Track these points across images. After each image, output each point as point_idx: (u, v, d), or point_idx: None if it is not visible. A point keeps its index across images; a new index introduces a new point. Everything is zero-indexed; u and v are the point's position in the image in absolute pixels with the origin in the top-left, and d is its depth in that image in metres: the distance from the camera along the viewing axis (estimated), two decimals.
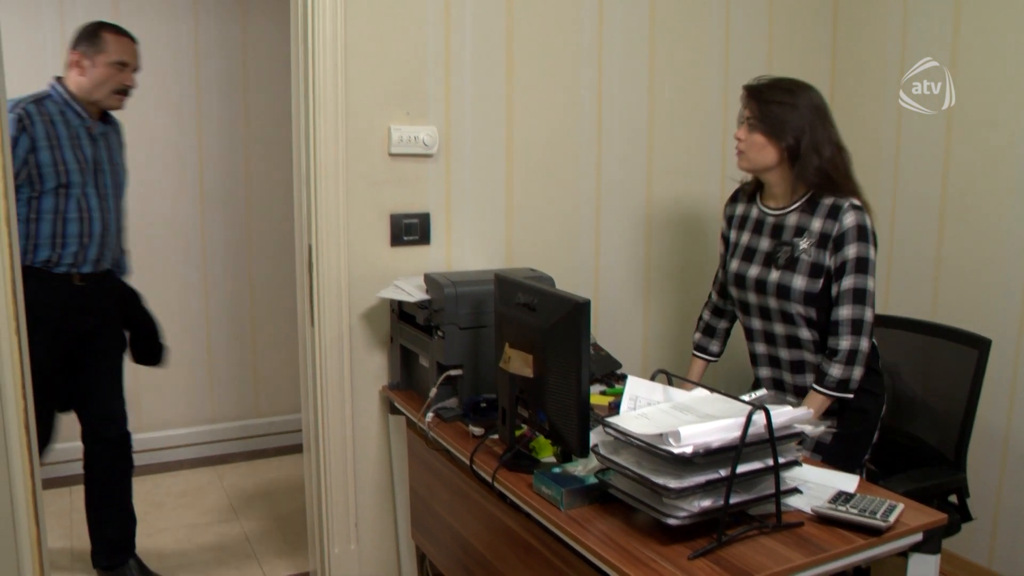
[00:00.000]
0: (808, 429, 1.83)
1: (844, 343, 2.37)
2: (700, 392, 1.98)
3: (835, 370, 2.37)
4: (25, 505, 2.34)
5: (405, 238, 2.93)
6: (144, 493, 4.04)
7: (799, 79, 2.49)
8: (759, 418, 1.69)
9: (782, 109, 2.39)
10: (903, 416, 2.78)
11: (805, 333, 2.46)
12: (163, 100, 4.35)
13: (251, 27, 4.51)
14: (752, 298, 2.55)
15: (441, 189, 2.98)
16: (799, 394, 2.52)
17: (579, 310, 1.89)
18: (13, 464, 2.30)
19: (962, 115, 3.13)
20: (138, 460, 4.28)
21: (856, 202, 2.39)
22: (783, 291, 2.44)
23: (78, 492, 3.36)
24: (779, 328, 2.51)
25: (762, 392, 2.07)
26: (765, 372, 2.61)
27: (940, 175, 3.22)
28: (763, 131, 2.42)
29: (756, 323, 2.58)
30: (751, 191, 2.65)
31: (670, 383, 2.02)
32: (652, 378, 2.01)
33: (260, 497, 4.19)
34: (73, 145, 2.92)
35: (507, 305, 2.19)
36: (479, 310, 2.54)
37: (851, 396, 2.40)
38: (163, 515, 3.91)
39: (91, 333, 3.08)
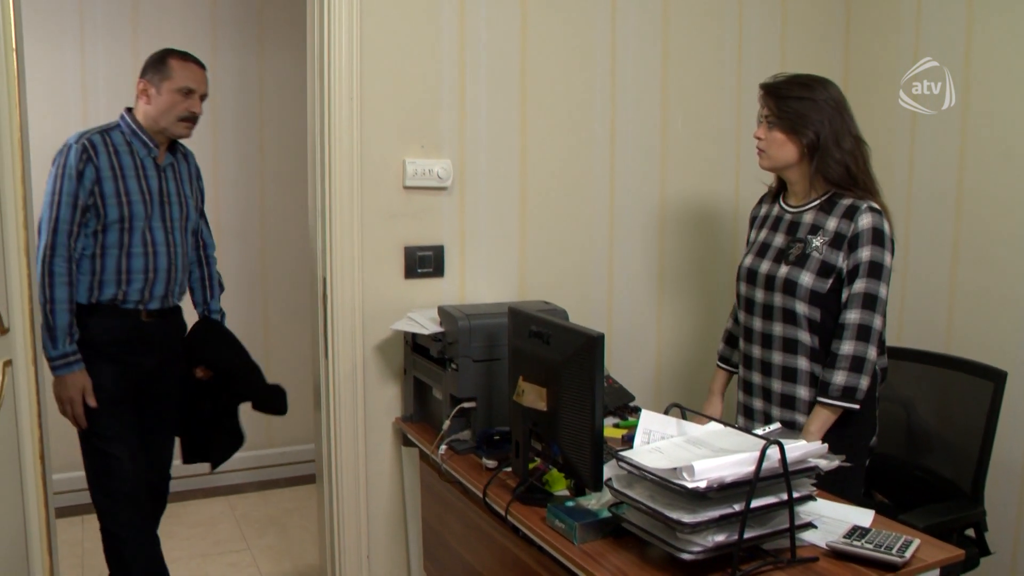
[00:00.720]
0: (823, 463, 1.82)
1: (847, 347, 2.32)
2: (714, 426, 1.98)
3: (838, 376, 2.32)
4: (38, 534, 2.35)
5: (419, 270, 2.95)
6: None
7: (816, 74, 2.49)
8: (773, 452, 1.69)
9: (800, 104, 2.39)
10: (919, 449, 2.77)
11: (805, 336, 2.41)
12: None
13: (267, 61, 4.57)
14: (759, 295, 2.52)
15: (455, 222, 3.00)
16: (785, 404, 2.48)
17: (593, 344, 1.90)
18: (27, 493, 2.31)
19: (976, 149, 3.14)
20: None
21: (875, 205, 2.37)
22: (790, 286, 2.41)
23: (90, 521, 3.35)
24: (778, 329, 2.47)
25: (775, 426, 2.06)
26: (756, 378, 2.57)
27: (953, 204, 3.21)
28: (782, 128, 2.42)
29: (757, 323, 2.54)
30: (776, 192, 2.64)
31: (684, 417, 2.01)
32: (666, 412, 2.01)
33: (272, 528, 4.18)
34: (138, 176, 2.84)
35: (521, 338, 2.20)
36: (493, 343, 2.55)
37: (857, 407, 2.34)
38: (175, 545, 3.90)
39: (154, 372, 2.95)
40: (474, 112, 3.00)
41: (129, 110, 2.90)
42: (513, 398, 2.17)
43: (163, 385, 3.01)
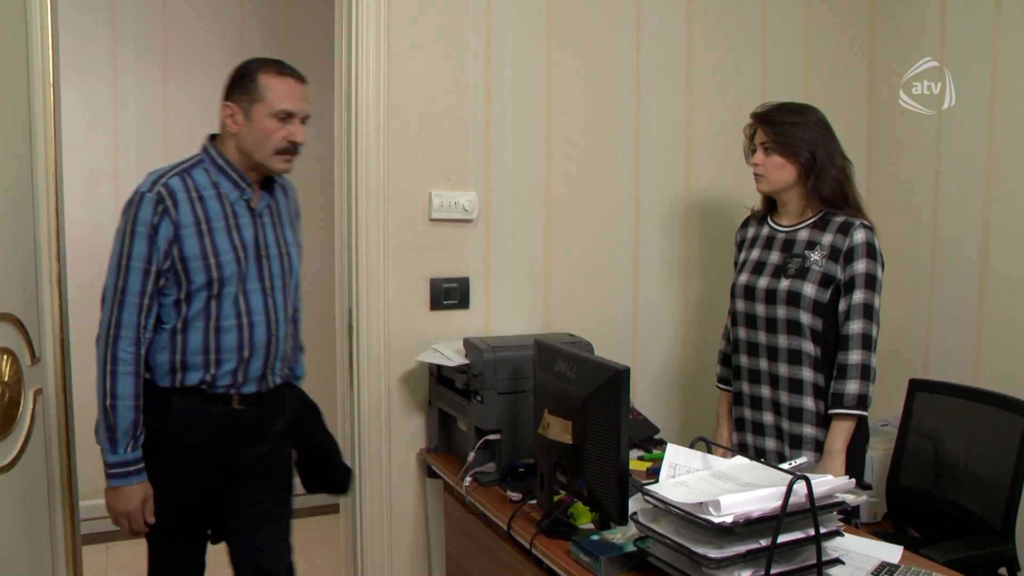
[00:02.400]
0: (850, 498, 1.81)
1: (855, 356, 2.43)
2: (740, 460, 1.97)
3: (851, 386, 2.42)
4: (65, 561, 2.37)
5: (444, 302, 2.96)
6: None
7: (799, 102, 2.67)
8: (800, 487, 1.68)
9: (795, 128, 2.53)
10: (947, 483, 2.73)
11: (808, 346, 2.49)
12: None
13: None
14: (760, 309, 2.59)
15: (480, 254, 3.02)
16: (793, 416, 2.53)
17: (618, 378, 1.90)
18: (55, 520, 2.34)
19: (1003, 180, 3.12)
20: None
21: (866, 222, 2.49)
22: (793, 298, 2.49)
23: (115, 548, 3.35)
24: (783, 340, 2.53)
25: (802, 460, 2.05)
26: (765, 391, 2.61)
27: (979, 235, 3.20)
28: (780, 152, 2.54)
29: (761, 336, 2.60)
30: (761, 214, 2.75)
31: (709, 451, 2.01)
32: (691, 446, 2.01)
33: (295, 558, 4.17)
34: (228, 227, 2.24)
35: (546, 371, 2.20)
36: (518, 375, 2.55)
37: (867, 415, 2.45)
38: None
39: (254, 465, 2.36)
40: (499, 144, 3.03)
41: (213, 138, 2.33)
42: (538, 431, 2.17)
43: (270, 478, 2.41)
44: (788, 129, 2.52)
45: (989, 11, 3.14)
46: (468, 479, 2.55)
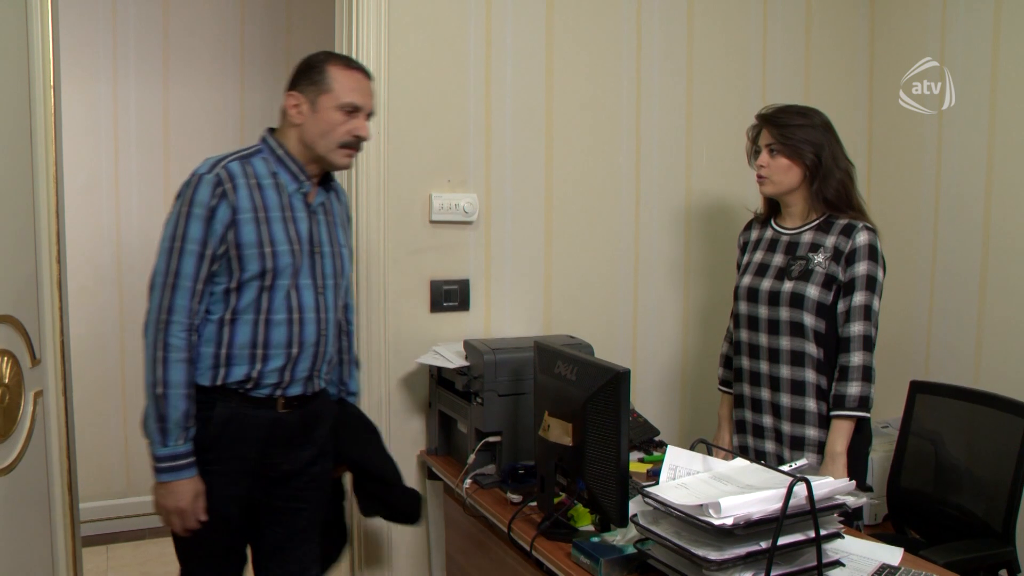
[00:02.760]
0: (850, 500, 1.81)
1: (856, 358, 2.43)
2: (740, 462, 1.97)
3: (853, 388, 2.42)
4: (65, 563, 2.37)
5: (445, 304, 2.96)
6: (168, 554, 4.04)
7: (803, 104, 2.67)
8: (800, 489, 1.68)
9: (801, 130, 2.53)
10: (949, 485, 2.73)
11: (811, 348, 2.49)
12: None
13: None
14: (763, 311, 2.59)
15: (481, 256, 3.02)
16: (795, 418, 2.53)
17: (619, 380, 1.90)
18: (55, 521, 2.34)
19: (1003, 183, 3.12)
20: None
21: (869, 224, 2.50)
22: (796, 299, 2.49)
23: (115, 550, 3.34)
24: (785, 342, 2.53)
25: (803, 462, 2.05)
26: (766, 394, 2.61)
27: (981, 237, 3.20)
28: (786, 154, 2.54)
29: (763, 338, 2.60)
30: (764, 217, 2.75)
31: (710, 453, 2.01)
32: (692, 448, 2.00)
33: None
34: (284, 218, 2.17)
35: (547, 373, 2.20)
36: (518, 377, 2.55)
37: (869, 416, 2.45)
38: None
39: (300, 472, 2.28)
40: (500, 146, 3.03)
41: (272, 131, 2.27)
42: (539, 433, 2.17)
43: (307, 489, 2.31)
44: (794, 131, 2.52)
45: (989, 13, 3.14)
46: (468, 481, 2.55)
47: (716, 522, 1.61)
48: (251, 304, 2.11)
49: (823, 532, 1.72)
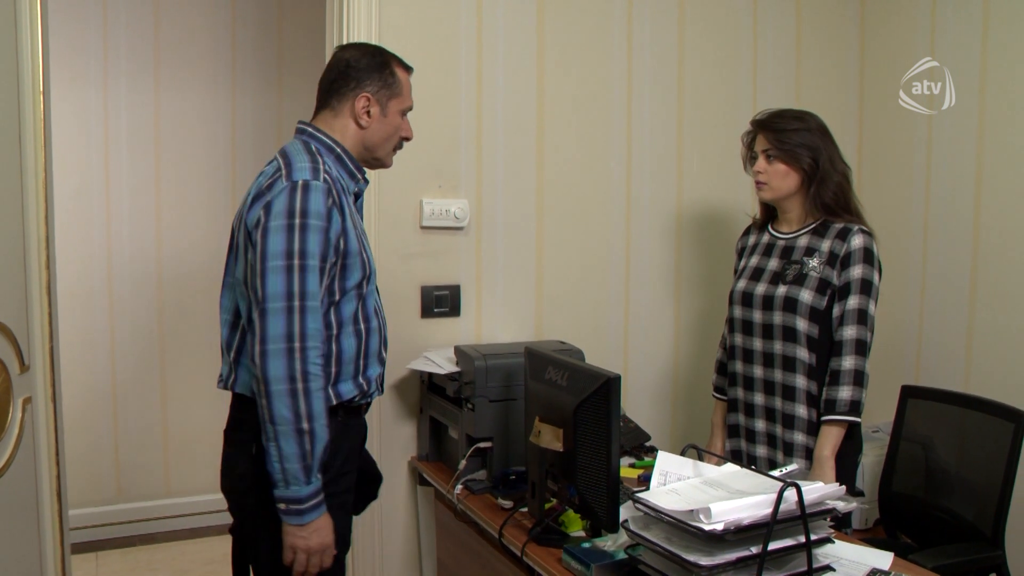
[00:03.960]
0: (840, 505, 1.81)
1: (848, 362, 2.42)
2: (730, 467, 1.97)
3: (844, 392, 2.41)
4: (54, 570, 2.36)
5: (436, 310, 2.96)
6: (169, 560, 4.03)
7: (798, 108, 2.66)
8: (790, 495, 1.68)
9: (798, 135, 2.52)
10: (939, 489, 2.74)
11: (803, 353, 2.48)
12: (198, 171, 4.41)
13: (287, 102, 4.61)
14: (757, 315, 2.59)
15: (472, 261, 3.02)
16: (786, 423, 2.53)
17: (610, 385, 1.91)
18: (44, 529, 2.32)
19: (993, 187, 3.13)
20: (164, 526, 4.28)
21: (865, 228, 2.49)
22: (790, 304, 2.49)
23: (104, 557, 3.33)
24: (778, 347, 2.53)
25: (793, 467, 2.06)
26: (759, 399, 2.61)
27: (971, 242, 3.21)
28: (784, 159, 2.53)
29: (757, 343, 2.60)
30: (762, 222, 2.74)
31: (700, 458, 2.01)
32: (682, 453, 2.01)
33: None
34: (357, 218, 2.08)
35: (537, 379, 2.20)
36: (509, 383, 2.55)
37: (860, 421, 2.45)
38: None
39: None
40: (491, 152, 3.03)
41: (315, 127, 2.10)
42: (530, 439, 2.17)
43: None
44: (791, 135, 2.52)
45: (979, 17, 3.15)
46: (459, 487, 2.55)
47: (707, 527, 1.62)
48: (352, 315, 2.00)
49: (813, 537, 1.73)
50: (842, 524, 2.39)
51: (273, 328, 1.83)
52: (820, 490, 1.77)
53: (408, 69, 2.18)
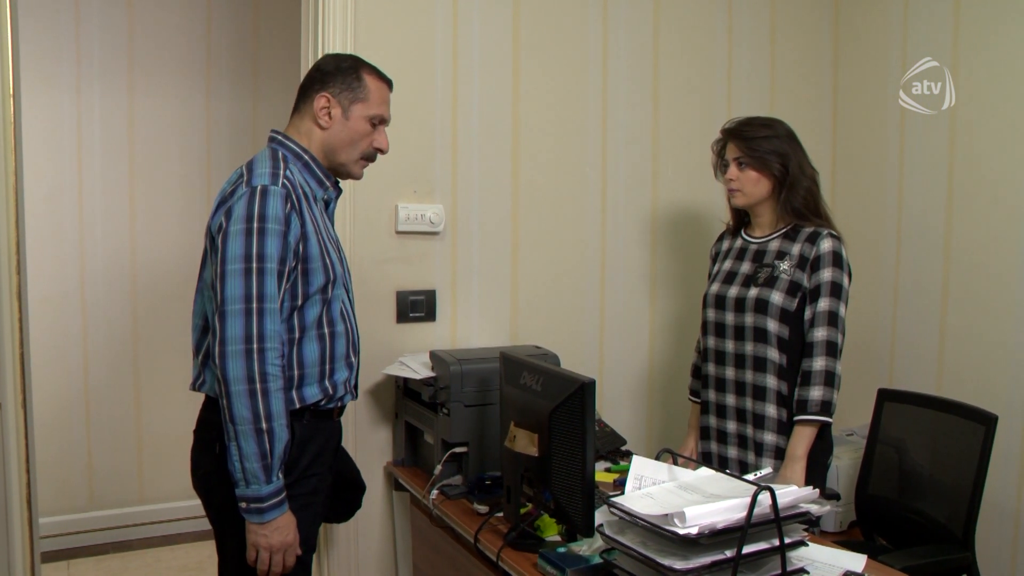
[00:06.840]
0: (814, 509, 1.82)
1: (819, 363, 2.46)
2: (705, 471, 1.98)
3: (815, 392, 2.45)
4: None
5: (411, 315, 2.95)
6: (143, 567, 3.99)
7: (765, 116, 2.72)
8: (764, 498, 1.69)
9: (768, 142, 2.57)
10: (912, 492, 2.76)
11: (774, 354, 2.52)
12: (172, 175, 4.38)
13: (261, 107, 4.59)
14: (730, 317, 2.62)
15: (447, 266, 3.01)
16: (756, 423, 2.56)
17: (584, 390, 1.91)
18: (13, 537, 2.30)
19: (964, 192, 3.17)
20: (139, 533, 4.25)
21: (834, 232, 2.54)
22: (761, 305, 2.53)
23: (76, 566, 3.31)
24: (749, 348, 2.57)
25: (767, 471, 2.07)
26: (731, 400, 2.64)
27: (942, 247, 3.24)
28: (754, 166, 2.58)
29: (729, 344, 2.63)
30: (735, 228, 2.79)
31: (675, 462, 2.01)
32: (657, 457, 2.01)
33: None
34: (324, 225, 2.13)
35: (512, 384, 2.20)
36: (485, 388, 2.55)
37: (831, 421, 2.47)
38: None
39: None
40: (466, 157, 3.03)
41: (283, 134, 2.15)
42: (505, 443, 2.17)
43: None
44: (761, 143, 2.56)
45: (951, 25, 3.18)
46: (435, 492, 2.55)
47: (681, 531, 1.62)
48: (316, 319, 2.04)
49: (787, 540, 1.74)
50: (811, 524, 2.40)
51: (232, 329, 1.87)
52: (794, 494, 1.77)
53: (384, 79, 2.18)
